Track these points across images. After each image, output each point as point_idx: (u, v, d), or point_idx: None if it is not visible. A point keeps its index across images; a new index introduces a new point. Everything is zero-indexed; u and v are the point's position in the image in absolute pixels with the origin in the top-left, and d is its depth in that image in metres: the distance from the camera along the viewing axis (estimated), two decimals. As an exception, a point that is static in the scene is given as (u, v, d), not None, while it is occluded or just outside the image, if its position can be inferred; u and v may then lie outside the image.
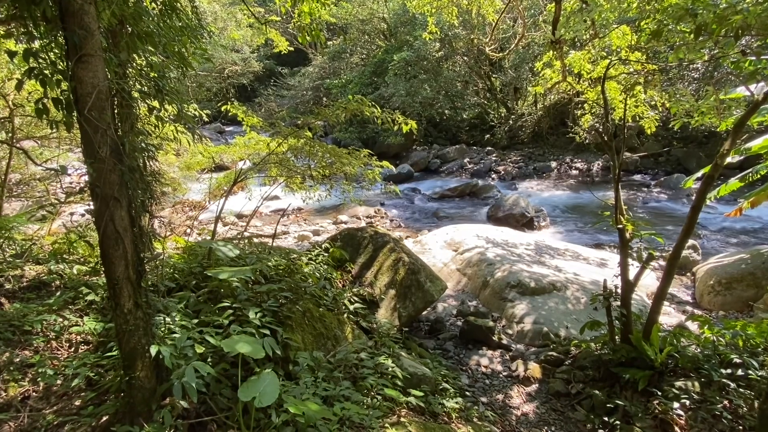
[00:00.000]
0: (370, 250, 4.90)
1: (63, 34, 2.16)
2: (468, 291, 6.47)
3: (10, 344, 3.26)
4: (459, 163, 17.30)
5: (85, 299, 3.75)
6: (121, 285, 2.24)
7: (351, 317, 4.06)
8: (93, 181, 2.17)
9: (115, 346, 3.01)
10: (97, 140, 2.14)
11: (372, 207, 12.81)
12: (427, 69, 18.52)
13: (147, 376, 2.34)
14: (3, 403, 2.77)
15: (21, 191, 10.13)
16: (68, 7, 2.12)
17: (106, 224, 2.19)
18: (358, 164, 6.06)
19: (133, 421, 2.29)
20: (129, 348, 2.31)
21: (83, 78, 2.13)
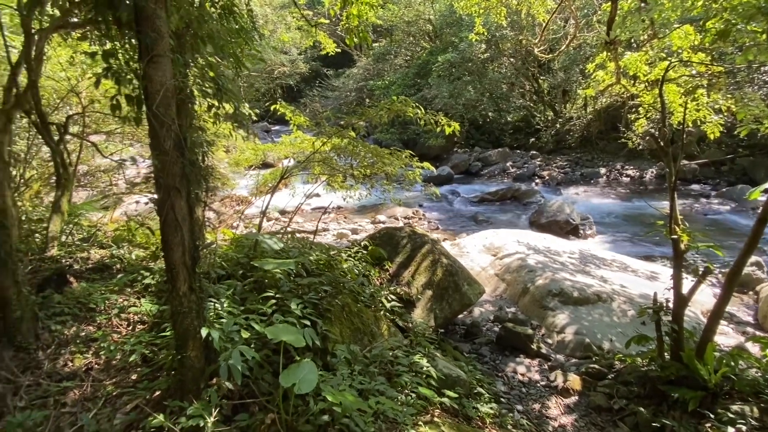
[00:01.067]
0: (408, 250, 4.93)
1: (137, 36, 2.35)
2: (506, 297, 6.34)
3: (77, 319, 3.58)
4: (501, 167, 16.94)
5: (143, 282, 4.04)
6: (177, 269, 2.40)
7: (387, 315, 4.10)
8: (157, 172, 2.34)
9: (169, 327, 3.23)
10: (162, 134, 2.32)
11: (410, 208, 12.82)
12: (471, 71, 18.29)
13: (197, 356, 2.50)
14: (69, 373, 3.05)
15: (87, 182, 11.00)
16: (143, 11, 2.30)
17: (167, 212, 2.36)
18: (400, 164, 6.10)
19: (183, 398, 2.45)
20: (182, 329, 2.47)
21: (153, 77, 2.31)
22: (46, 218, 6.28)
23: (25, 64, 5.36)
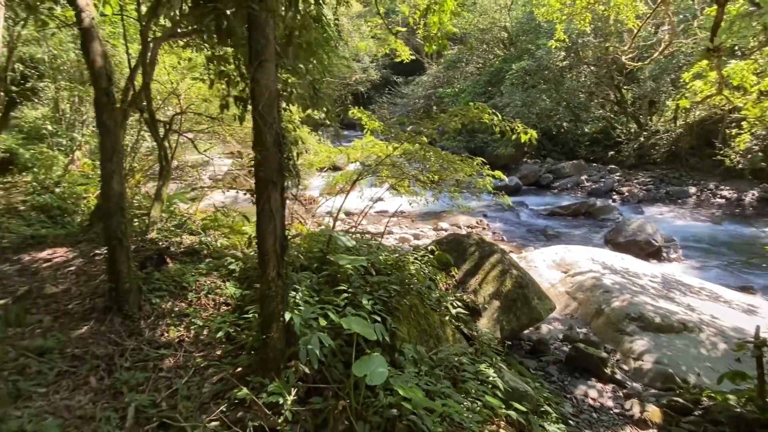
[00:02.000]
0: (476, 258, 4.86)
1: (249, 43, 2.60)
2: (577, 316, 6.00)
3: (172, 296, 3.99)
4: (574, 180, 16.06)
5: (228, 268, 4.40)
6: (269, 256, 2.61)
7: (452, 320, 4.09)
8: (258, 166, 2.57)
9: (251, 310, 3.50)
10: (265, 132, 2.54)
11: (474, 217, 12.59)
12: (547, 79, 17.60)
13: (279, 338, 2.69)
14: (165, 342, 3.41)
15: (176, 175, 12.16)
16: (255, 20, 2.55)
17: (264, 203, 2.58)
18: (470, 172, 6.05)
19: (264, 375, 2.64)
20: (268, 311, 2.67)
21: (260, 80, 2.54)
22: (145, 205, 7.08)
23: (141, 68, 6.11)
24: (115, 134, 3.76)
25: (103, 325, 3.48)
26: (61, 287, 4.21)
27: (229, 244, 5.76)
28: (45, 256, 5.17)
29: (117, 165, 3.72)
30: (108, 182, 3.64)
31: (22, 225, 6.99)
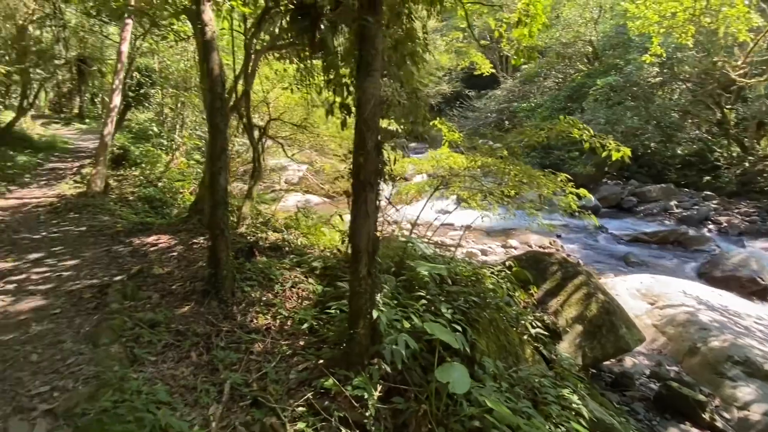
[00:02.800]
0: (558, 278, 4.64)
1: (359, 53, 2.76)
2: (666, 353, 5.47)
3: (260, 286, 4.28)
4: (662, 205, 14.71)
5: (311, 265, 4.63)
6: (361, 254, 2.72)
7: (530, 340, 3.93)
8: (357, 169, 2.70)
9: (333, 306, 3.64)
10: (367, 137, 2.67)
11: (546, 237, 12.00)
12: (636, 95, 16.44)
13: (365, 334, 2.77)
14: (255, 328, 3.66)
15: (257, 177, 12.97)
16: (366, 33, 2.70)
17: (360, 204, 2.70)
18: (553, 189, 5.82)
19: (348, 368, 2.73)
20: (356, 308, 2.77)
21: (367, 88, 2.68)
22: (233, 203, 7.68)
23: (242, 77, 6.70)
24: (224, 135, 4.15)
25: (202, 307, 3.82)
26: (166, 269, 4.70)
27: (308, 243, 6.06)
28: (151, 240, 5.81)
29: (224, 162, 4.10)
30: (216, 178, 4.02)
31: (131, 213, 7.93)
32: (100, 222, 6.84)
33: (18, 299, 3.99)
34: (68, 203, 7.76)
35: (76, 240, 5.92)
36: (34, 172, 10.57)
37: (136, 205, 8.56)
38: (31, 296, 4.06)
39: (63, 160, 12.29)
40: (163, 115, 15.11)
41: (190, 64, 12.37)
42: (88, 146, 14.23)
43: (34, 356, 3.01)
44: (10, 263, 4.97)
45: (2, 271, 4.68)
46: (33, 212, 7.35)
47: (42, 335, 3.31)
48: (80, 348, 3.09)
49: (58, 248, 5.57)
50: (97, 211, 7.47)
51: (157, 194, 9.40)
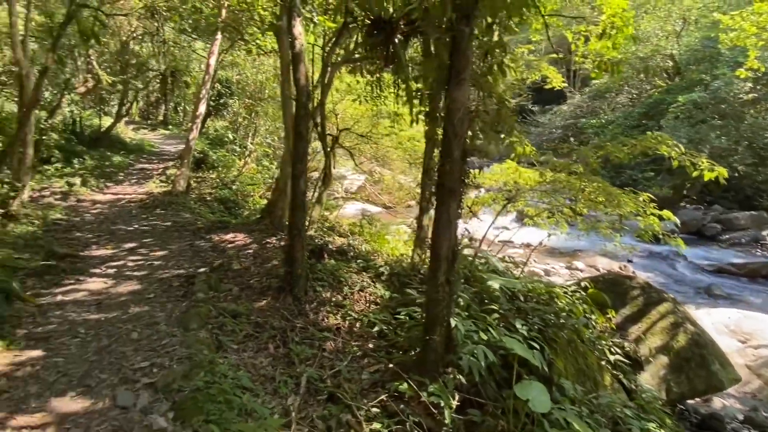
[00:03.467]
0: (640, 304, 4.33)
1: (450, 62, 2.81)
2: (763, 398, 4.87)
3: (330, 287, 4.41)
4: (752, 235, 13.26)
5: (378, 270, 4.70)
6: (441, 261, 2.73)
7: (609, 367, 3.69)
8: (442, 176, 2.73)
9: (402, 312, 3.67)
10: (454, 145, 2.69)
11: (616, 261, 11.26)
12: (724, 113, 15.08)
13: (440, 342, 2.76)
14: (326, 327, 3.77)
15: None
16: (458, 42, 2.75)
17: (443, 211, 2.72)
18: (633, 209, 5.47)
19: (422, 374, 2.73)
20: (432, 314, 2.77)
21: (456, 97, 2.72)
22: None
23: (319, 88, 7.02)
24: (306, 141, 4.38)
25: (278, 302, 4.01)
26: (243, 265, 4.99)
27: (372, 250, 6.17)
28: (229, 238, 6.22)
29: (304, 167, 4.32)
30: (296, 181, 4.24)
31: (208, 212, 8.54)
32: (183, 218, 7.43)
33: (118, 282, 4.43)
34: (155, 200, 8.52)
35: (163, 233, 6.48)
36: (127, 171, 11.74)
37: (213, 204, 9.21)
38: (129, 281, 4.50)
39: (150, 161, 13.52)
40: (236, 123, 16.23)
41: (266, 77, 13.22)
42: (170, 150, 15.56)
43: (134, 334, 3.32)
44: (110, 250, 5.54)
45: (104, 257, 5.23)
46: (126, 207, 8.15)
47: (140, 316, 3.64)
48: (173, 331, 3.36)
49: (149, 240, 6.13)
50: (180, 208, 8.13)
51: (231, 196, 10.07)
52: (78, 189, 8.75)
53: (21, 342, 3.11)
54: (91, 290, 4.20)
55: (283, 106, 6.64)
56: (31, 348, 3.06)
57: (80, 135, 12.20)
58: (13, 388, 2.61)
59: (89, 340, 3.22)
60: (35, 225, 6.19)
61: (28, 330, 3.33)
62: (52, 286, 4.23)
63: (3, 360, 2.88)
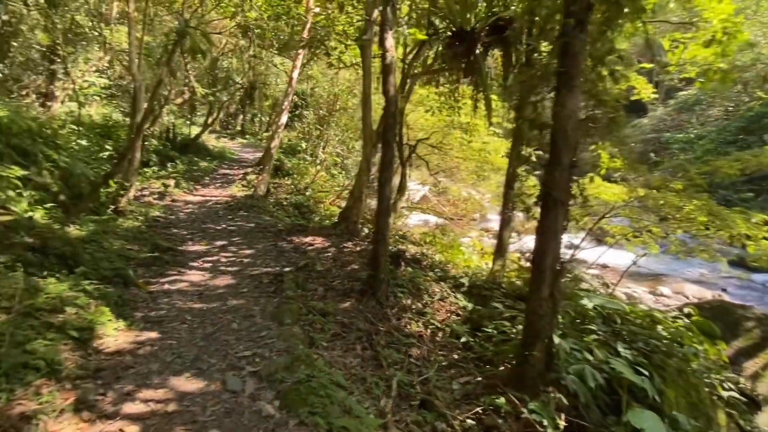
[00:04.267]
0: (756, 337, 3.86)
1: (558, 68, 2.74)
2: None
3: (411, 294, 4.43)
4: None
5: (458, 281, 4.64)
6: (545, 274, 2.63)
7: (721, 404, 3.31)
8: (550, 186, 2.64)
9: (489, 325, 3.58)
10: (563, 153, 2.60)
11: (709, 290, 10.18)
12: None
13: (541, 358, 2.65)
14: (409, 333, 3.78)
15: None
16: (569, 49, 2.67)
17: (549, 221, 2.63)
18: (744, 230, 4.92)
19: (520, 390, 2.63)
20: (533, 329, 2.68)
21: (567, 104, 2.63)
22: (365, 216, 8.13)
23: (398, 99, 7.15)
24: (393, 149, 4.48)
25: (361, 304, 4.09)
26: (325, 266, 5.17)
27: (444, 260, 6.11)
28: (308, 241, 6.49)
29: (390, 174, 4.40)
30: (383, 187, 4.33)
31: (285, 215, 8.99)
32: (264, 221, 7.88)
33: (214, 276, 4.78)
34: (238, 203, 9.13)
35: (248, 233, 6.91)
36: (212, 176, 12.71)
37: (289, 209, 9.68)
38: (223, 275, 4.83)
39: (231, 167, 14.53)
40: (308, 133, 17.02)
41: (340, 89, 13.77)
42: (248, 157, 16.62)
43: (234, 325, 3.56)
44: (204, 246, 6.00)
45: (199, 252, 5.68)
46: (213, 208, 8.81)
47: (237, 308, 3.89)
48: (268, 324, 3.55)
49: (236, 239, 6.56)
50: (260, 211, 8.64)
51: (305, 202, 10.53)
52: (172, 190, 9.62)
53: (139, 323, 3.45)
54: (191, 281, 4.57)
55: (363, 116, 6.86)
56: (148, 330, 3.38)
57: (173, 141, 13.46)
58: (138, 364, 2.90)
59: (196, 327, 3.50)
60: (139, 220, 6.88)
61: (143, 313, 3.68)
62: (158, 276, 4.66)
63: (126, 338, 3.21)
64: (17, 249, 3.40)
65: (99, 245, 4.86)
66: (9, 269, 3.30)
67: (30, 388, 2.35)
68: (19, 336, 2.66)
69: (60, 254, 3.71)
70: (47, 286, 3.30)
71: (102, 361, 2.87)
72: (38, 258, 3.56)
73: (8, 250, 3.38)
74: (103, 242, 5.02)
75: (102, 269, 4.09)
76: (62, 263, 3.76)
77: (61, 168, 6.24)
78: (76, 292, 3.41)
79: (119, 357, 2.95)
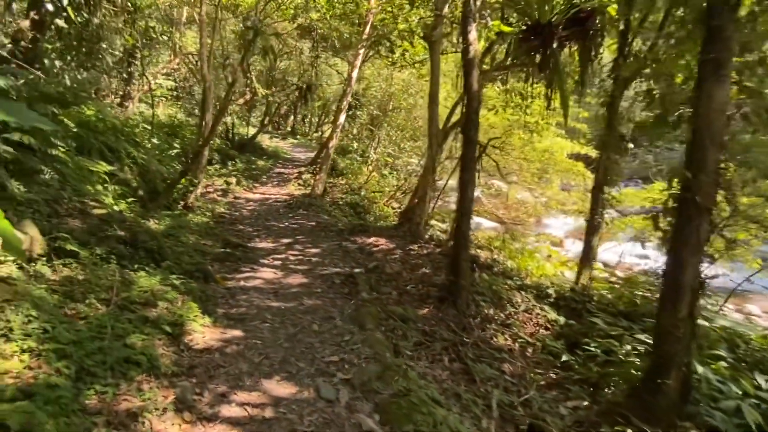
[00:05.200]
0: None
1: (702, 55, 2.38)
2: None
3: (492, 303, 4.15)
4: None
5: (545, 291, 4.31)
6: (684, 290, 2.29)
7: None
8: (693, 190, 2.29)
9: (589, 343, 3.24)
10: (709, 154, 2.25)
11: (805, 310, 9.04)
12: None
13: (675, 387, 2.31)
14: (497, 347, 3.51)
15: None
16: (719, 33, 2.31)
17: (690, 231, 2.28)
18: None
19: (650, 422, 2.30)
20: (666, 353, 2.34)
21: (714, 95, 2.28)
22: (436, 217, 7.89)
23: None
24: (475, 146, 4.23)
25: (440, 312, 3.87)
26: (394, 269, 5.00)
27: (516, 267, 5.77)
28: (372, 241, 6.36)
29: (473, 174, 4.16)
30: (464, 188, 4.09)
31: (341, 215, 8.96)
32: (323, 220, 7.86)
33: (286, 274, 4.74)
34: (297, 201, 9.20)
35: (311, 232, 6.89)
36: (268, 174, 12.98)
37: (345, 209, 9.65)
38: (295, 274, 4.78)
39: (285, 166, 14.81)
40: (359, 133, 17.05)
41: (395, 89, 13.65)
42: (300, 157, 16.89)
43: (315, 326, 3.45)
44: (271, 244, 6.03)
45: (268, 249, 5.70)
46: (274, 205, 8.93)
47: (315, 309, 3.80)
48: (350, 328, 3.41)
49: (300, 237, 6.55)
50: (319, 210, 8.65)
51: (360, 201, 10.48)
52: (234, 187, 9.87)
53: (223, 320, 3.42)
54: (265, 279, 4.54)
55: (429, 115, 6.64)
56: (232, 327, 3.35)
57: (232, 141, 13.90)
58: (228, 363, 2.84)
59: (277, 327, 3.43)
60: (207, 216, 7.05)
61: (225, 310, 3.67)
62: (233, 272, 4.69)
63: (213, 335, 3.18)
64: (111, 241, 3.48)
65: (177, 239, 4.98)
66: (104, 261, 3.39)
67: (133, 384, 2.33)
68: (119, 329, 2.67)
69: (148, 248, 3.78)
70: (139, 279, 3.35)
71: (194, 358, 2.84)
72: (129, 251, 3.63)
73: (103, 242, 3.46)
74: (180, 236, 5.14)
75: (184, 263, 4.15)
76: (149, 257, 3.83)
77: (138, 164, 6.51)
78: (165, 286, 3.44)
79: (209, 355, 2.91)
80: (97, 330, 2.57)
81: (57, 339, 2.32)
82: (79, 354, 2.29)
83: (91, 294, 2.89)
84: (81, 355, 2.30)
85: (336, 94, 21.62)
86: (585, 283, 4.32)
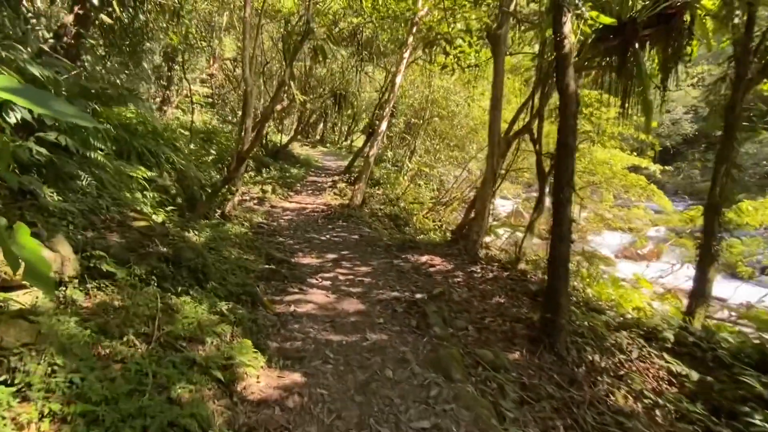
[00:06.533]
0: None
1: None
2: None
3: (594, 346, 3.42)
4: None
5: (660, 335, 3.55)
6: None
7: None
8: None
9: (750, 413, 2.49)
10: None
11: None
12: None
13: None
14: (617, 408, 2.79)
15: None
16: None
17: None
18: None
19: None
20: None
21: None
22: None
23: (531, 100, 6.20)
24: (573, 157, 3.55)
25: (536, 357, 3.18)
26: (461, 296, 4.34)
27: (595, 295, 5.01)
28: (425, 260, 5.70)
29: (571, 189, 3.48)
30: (562, 207, 3.41)
31: (382, 227, 8.37)
32: (365, 233, 7.29)
33: (340, 298, 4.14)
34: (335, 212, 8.66)
35: (355, 247, 6.30)
36: (302, 183, 12.56)
37: (384, 220, 9.07)
38: (349, 297, 4.18)
39: (318, 174, 14.40)
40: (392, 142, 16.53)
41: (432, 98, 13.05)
42: (332, 165, 16.49)
43: (388, 372, 2.82)
44: (315, 259, 5.46)
45: (313, 266, 5.13)
46: (311, 216, 8.42)
47: (382, 346, 3.17)
48: (432, 376, 2.76)
49: (345, 252, 5.97)
50: (359, 222, 8.08)
51: (400, 213, 9.89)
52: (269, 196, 9.44)
53: (278, 359, 2.84)
54: (316, 303, 3.96)
55: (490, 122, 6.00)
56: (289, 369, 2.77)
57: (266, 148, 13.60)
58: (291, 424, 2.25)
59: (342, 370, 2.82)
60: (245, 226, 6.56)
61: (278, 344, 3.10)
62: (281, 293, 4.14)
63: (269, 380, 2.60)
64: (152, 259, 2.97)
65: (219, 254, 4.47)
66: (143, 283, 2.87)
67: (180, 460, 1.76)
68: (161, 376, 2.12)
69: (192, 267, 3.25)
70: (183, 307, 2.81)
71: (250, 414, 2.26)
72: (171, 271, 3.11)
73: (143, 260, 2.95)
74: (222, 250, 4.64)
75: (229, 284, 3.61)
76: (193, 277, 3.31)
77: (177, 170, 6.11)
78: (213, 315, 2.89)
79: (267, 410, 2.32)
80: (136, 379, 2.02)
81: (86, 396, 1.77)
82: (114, 419, 1.74)
83: (130, 327, 2.35)
84: (116, 420, 1.74)
85: (369, 102, 21.24)
86: (705, 324, 3.54)
